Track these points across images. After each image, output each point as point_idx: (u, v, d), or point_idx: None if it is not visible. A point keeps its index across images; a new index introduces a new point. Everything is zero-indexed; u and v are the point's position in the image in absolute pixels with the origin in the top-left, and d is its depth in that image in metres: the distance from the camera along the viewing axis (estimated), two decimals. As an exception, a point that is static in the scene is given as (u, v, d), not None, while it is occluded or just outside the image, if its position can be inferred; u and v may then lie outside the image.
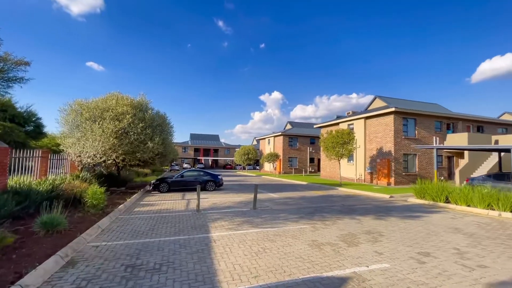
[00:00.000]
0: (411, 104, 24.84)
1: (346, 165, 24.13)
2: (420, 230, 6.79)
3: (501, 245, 5.60)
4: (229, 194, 13.79)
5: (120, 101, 12.43)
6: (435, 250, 5.23)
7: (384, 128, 20.70)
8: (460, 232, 6.64)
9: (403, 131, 20.58)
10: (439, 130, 22.06)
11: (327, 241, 5.75)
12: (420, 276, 4.00)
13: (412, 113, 20.67)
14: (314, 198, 12.90)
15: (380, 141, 20.97)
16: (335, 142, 18.95)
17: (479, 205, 9.56)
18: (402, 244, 5.59)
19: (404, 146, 20.17)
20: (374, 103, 26.46)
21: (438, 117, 22.04)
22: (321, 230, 6.63)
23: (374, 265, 4.40)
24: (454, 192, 10.64)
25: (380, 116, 21.18)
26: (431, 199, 11.34)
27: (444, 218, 8.44)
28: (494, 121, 24.72)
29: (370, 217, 8.44)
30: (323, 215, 8.64)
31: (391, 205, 10.90)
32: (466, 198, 10.05)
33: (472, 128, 23.58)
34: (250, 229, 6.68)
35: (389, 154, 19.93)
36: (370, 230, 6.70)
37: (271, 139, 40.13)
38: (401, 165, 20.01)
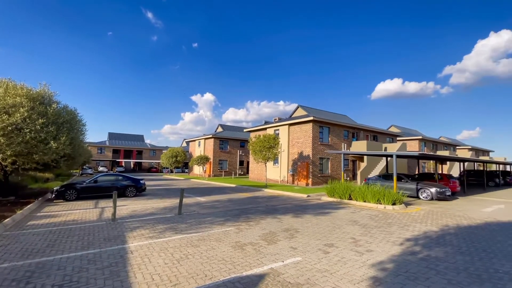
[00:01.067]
0: (327, 114, 28.50)
1: (272, 168, 25.78)
2: (328, 225, 7.88)
3: (383, 232, 7.05)
4: (153, 200, 12.87)
5: (11, 90, 10.08)
6: (338, 241, 6.18)
7: (304, 135, 23.07)
8: (357, 224, 8.02)
9: (320, 138, 23.40)
10: (346, 137, 25.98)
11: (250, 241, 6.07)
12: (324, 265, 4.68)
13: (327, 123, 23.73)
14: (241, 200, 13.32)
15: (301, 146, 23.26)
16: (262, 146, 20.06)
17: (372, 200, 11.74)
18: (313, 238, 6.38)
19: (320, 151, 22.94)
20: (297, 111, 29.21)
21: (346, 127, 25.95)
22: (245, 231, 6.94)
23: (289, 260, 4.90)
24: (355, 191, 12.74)
25: (301, 124, 23.52)
26: (338, 197, 13.26)
27: (347, 213, 10.02)
28: (384, 132, 30.68)
29: (290, 215, 9.29)
30: (248, 216, 9.03)
31: (308, 204, 12.24)
32: (363, 195, 12.18)
33: (370, 137, 28.68)
34: (174, 235, 6.44)
35: (308, 157, 22.30)
36: (288, 228, 7.39)
37: (202, 142, 39.37)
38: (317, 167, 22.67)
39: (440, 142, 39.89)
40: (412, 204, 12.48)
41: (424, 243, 6.07)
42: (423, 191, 14.08)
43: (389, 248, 5.70)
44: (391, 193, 11.51)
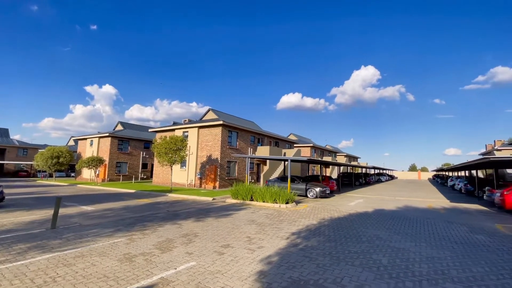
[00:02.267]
0: (236, 119, 29.72)
1: (179, 171, 24.71)
2: (228, 226, 8.18)
3: (275, 229, 7.89)
4: (15, 213, 10.06)
5: None
6: (234, 241, 6.50)
7: (213, 138, 23.27)
8: (254, 223, 8.67)
9: (228, 142, 24.11)
10: (253, 143, 27.81)
11: (142, 251, 5.60)
12: (217, 266, 4.82)
13: (236, 128, 24.73)
14: (140, 206, 12.14)
15: (210, 149, 23.33)
16: (168, 148, 18.97)
17: (269, 200, 12.95)
18: (211, 241, 6.48)
19: (228, 155, 23.64)
20: (208, 114, 29.21)
21: (253, 133, 27.78)
22: (138, 241, 6.35)
23: (182, 266, 4.80)
24: (256, 192, 13.75)
25: (211, 127, 23.63)
26: (241, 198, 13.99)
27: (247, 213, 10.68)
28: (284, 139, 34.57)
29: (191, 220, 9.12)
30: (145, 224, 8.32)
31: (212, 207, 12.35)
32: (263, 196, 13.30)
33: (273, 143, 31.68)
34: (40, 255, 5.22)
35: (216, 161, 22.56)
36: (188, 233, 7.24)
37: (96, 140, 33.62)
38: (225, 170, 23.23)
39: (326, 149, 48.17)
40: (302, 202, 14.50)
41: (305, 235, 7.16)
42: (310, 191, 16.60)
43: (277, 243, 6.42)
44: (285, 193, 13.04)
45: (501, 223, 9.34)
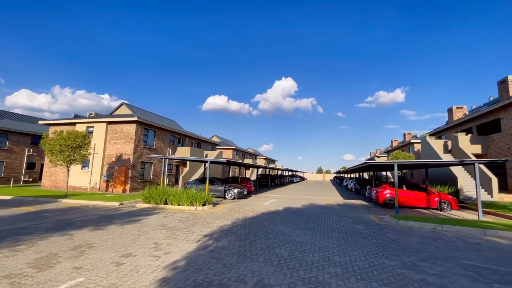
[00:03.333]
0: (154, 117, 27.54)
1: (80, 173, 21.03)
2: (133, 233, 7.43)
3: (187, 232, 7.64)
4: None
5: None
6: (138, 249, 5.94)
7: (126, 136, 20.87)
8: (164, 228, 8.16)
9: (144, 141, 22.08)
10: (172, 143, 26.34)
11: (8, 273, 4.45)
12: (112, 279, 4.29)
13: (153, 126, 22.88)
14: (16, 216, 9.69)
15: (121, 148, 20.82)
16: (64, 145, 15.87)
17: (185, 203, 12.49)
18: (110, 251, 5.73)
19: (143, 155, 21.63)
20: (121, 109, 26.06)
21: (173, 132, 26.31)
22: (3, 261, 5.03)
23: (65, 285, 4.05)
24: (171, 195, 13.02)
25: (123, 123, 21.13)
26: (154, 202, 12.98)
27: (159, 218, 9.98)
28: (207, 140, 34.18)
29: (88, 229, 7.86)
30: (20, 238, 6.68)
31: (118, 213, 11.00)
32: (179, 198, 12.71)
33: (195, 144, 30.83)
34: None
35: (128, 161, 20.28)
36: (80, 244, 6.20)
37: (-51, 131, 25.05)
38: (138, 172, 21.12)
39: (247, 152, 50.13)
40: (220, 203, 14.58)
41: (217, 237, 7.20)
42: (228, 192, 16.88)
43: (186, 246, 6.22)
44: (203, 195, 12.84)
45: (375, 215, 11.72)
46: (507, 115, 18.23)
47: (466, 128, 23.73)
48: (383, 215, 11.36)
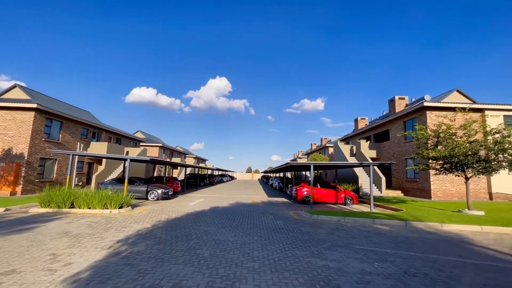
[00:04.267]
0: (62, 106, 23.27)
1: None
2: (22, 245, 6.12)
3: (96, 239, 6.76)
4: None
5: None
6: (27, 263, 4.93)
7: (19, 126, 16.99)
8: (67, 236, 7.01)
9: (46, 133, 18.46)
10: (85, 137, 22.83)
11: None
12: (-17, 303, 3.44)
13: (59, 115, 19.33)
14: None
15: (11, 141, 16.84)
16: None
17: (98, 206, 11.01)
18: (-17, 270, 4.57)
19: (43, 150, 18.02)
20: (12, 92, 21.03)
21: (86, 125, 22.81)
22: None
23: None
24: (79, 197, 11.27)
25: (16, 110, 17.15)
26: (56, 206, 10.99)
27: (61, 224, 8.50)
28: (129, 136, 30.97)
29: (-50, 244, 6.06)
30: None
31: (1, 221, 8.84)
32: (89, 201, 11.11)
33: (113, 139, 27.50)
34: None
35: (20, 157, 16.56)
36: None
37: None
38: (35, 170, 17.48)
39: (176, 150, 47.74)
40: (140, 205, 13.42)
41: (133, 241, 6.61)
42: (151, 193, 15.72)
43: (94, 255, 5.51)
44: (120, 196, 11.57)
45: (293, 211, 12.89)
46: (394, 128, 22.84)
47: (367, 136, 28.61)
48: (300, 211, 12.60)
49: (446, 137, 11.90)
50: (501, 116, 18.27)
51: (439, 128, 12.41)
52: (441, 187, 17.84)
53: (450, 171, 12.28)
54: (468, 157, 11.31)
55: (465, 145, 11.49)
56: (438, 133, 12.25)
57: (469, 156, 11.30)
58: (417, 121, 19.19)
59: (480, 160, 11.29)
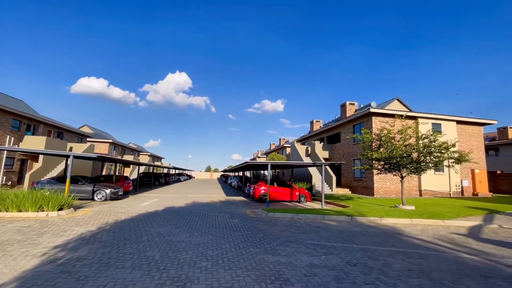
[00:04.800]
0: (-14, 92, 19.91)
1: None
2: None
3: (27, 246, 5.98)
4: None
5: None
6: None
7: None
8: (-11, 244, 6.07)
9: (-38, 123, 15.59)
10: (17, 129, 19.93)
11: None
12: None
13: (-19, 103, 16.51)
14: None
15: None
16: None
17: (32, 208, 9.73)
18: None
19: (-41, 143, 15.23)
20: None
21: (19, 116, 19.93)
22: None
23: None
24: (7, 198, 9.82)
25: None
26: (-25, 210, 9.39)
27: (-19, 230, 7.31)
28: (74, 130, 27.95)
29: None
30: None
31: None
32: (20, 203, 9.75)
33: (54, 133, 24.53)
34: None
35: None
36: None
37: None
38: None
39: (128, 147, 44.57)
40: (85, 207, 12.24)
41: (73, 246, 6.02)
42: (98, 193, 14.45)
43: (23, 263, 4.88)
44: (59, 197, 10.40)
45: (250, 209, 13.10)
46: (344, 130, 24.71)
47: (321, 137, 30.42)
48: (257, 209, 12.86)
49: (386, 140, 13.33)
50: (430, 123, 21.14)
51: (381, 132, 13.84)
52: (382, 185, 19.90)
53: (389, 171, 13.79)
54: (403, 158, 12.84)
55: (401, 148, 13.02)
56: (380, 136, 13.66)
57: (404, 158, 12.85)
58: (364, 125, 21.08)
59: (413, 161, 12.92)
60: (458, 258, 5.83)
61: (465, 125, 22.94)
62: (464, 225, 9.64)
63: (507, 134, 31.67)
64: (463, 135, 22.62)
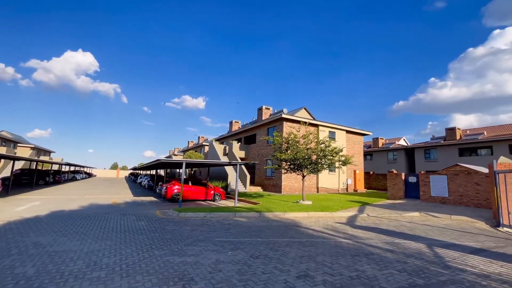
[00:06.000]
0: None
1: None
2: None
3: None
4: None
5: None
6: None
7: None
8: None
9: None
10: None
11: None
12: None
13: None
14: None
15: None
16: None
17: None
18: None
19: None
20: None
21: None
22: None
23: None
24: None
25: None
26: None
27: None
28: None
29: None
30: None
31: None
32: None
33: None
34: None
35: None
36: None
37: None
38: None
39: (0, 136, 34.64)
40: None
41: None
42: None
43: None
44: None
45: (160, 210, 12.34)
46: (260, 132, 26.42)
47: (239, 138, 31.55)
48: (168, 209, 12.24)
49: (292, 143, 15.04)
50: (327, 131, 25.07)
51: (289, 136, 15.53)
52: (288, 183, 22.28)
53: (294, 171, 15.60)
54: (305, 160, 14.78)
55: (304, 151, 14.95)
56: (288, 140, 15.31)
57: (305, 159, 14.80)
58: (277, 129, 23.11)
59: (312, 163, 15.03)
60: (337, 243, 7.16)
61: (352, 134, 28.28)
62: (345, 215, 11.89)
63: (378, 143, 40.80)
64: (350, 142, 27.82)
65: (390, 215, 12.01)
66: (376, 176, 32.96)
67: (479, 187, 14.49)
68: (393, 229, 9.14)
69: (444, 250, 6.65)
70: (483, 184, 14.33)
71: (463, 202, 15.05)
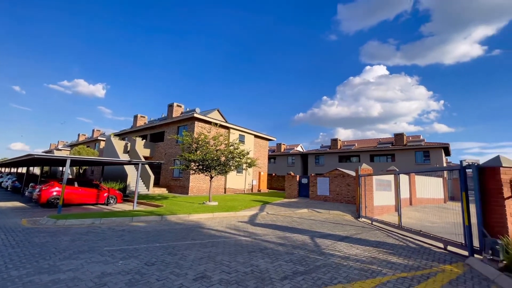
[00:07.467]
0: None
1: None
2: None
3: None
4: None
5: None
6: None
7: None
8: None
9: None
10: None
11: None
12: None
13: None
14: None
15: None
16: None
17: None
18: None
19: None
20: None
21: None
22: None
23: None
24: None
25: None
26: None
27: None
28: None
29: None
30: None
31: None
32: None
33: None
34: None
35: None
36: None
37: None
38: None
39: None
40: None
41: None
42: None
43: None
44: None
45: (28, 218, 9.81)
46: (169, 130, 24.93)
47: (144, 134, 28.77)
48: (41, 217, 9.87)
49: (202, 144, 14.92)
50: (237, 134, 26.16)
51: (199, 137, 15.32)
52: (196, 184, 21.87)
53: (203, 172, 15.47)
54: (214, 161, 14.91)
55: (213, 152, 15.07)
56: (198, 140, 15.08)
57: (214, 161, 14.94)
58: (188, 128, 22.37)
59: (221, 164, 15.31)
60: (237, 241, 7.54)
61: (259, 139, 30.49)
62: (247, 214, 12.65)
63: (280, 148, 45.50)
64: (257, 146, 29.91)
65: (285, 212, 13.57)
66: (278, 178, 36.63)
67: (350, 187, 18.30)
68: (286, 225, 10.37)
69: (322, 240, 8.04)
70: (352, 185, 18.18)
71: (339, 199, 18.62)
